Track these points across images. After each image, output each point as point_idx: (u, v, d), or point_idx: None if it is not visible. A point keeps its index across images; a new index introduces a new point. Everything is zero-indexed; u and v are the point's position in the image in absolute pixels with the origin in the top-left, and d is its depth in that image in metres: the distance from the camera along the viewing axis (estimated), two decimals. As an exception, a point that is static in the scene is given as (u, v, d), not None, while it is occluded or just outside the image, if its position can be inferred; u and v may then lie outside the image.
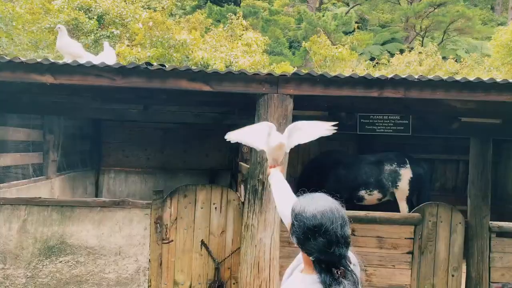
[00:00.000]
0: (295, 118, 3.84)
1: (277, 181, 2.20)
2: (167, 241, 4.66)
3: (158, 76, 3.30)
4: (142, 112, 5.12)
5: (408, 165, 7.01)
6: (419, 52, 13.09)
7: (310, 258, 1.58)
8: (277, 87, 3.39)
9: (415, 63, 11.99)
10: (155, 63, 3.51)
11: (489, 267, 5.17)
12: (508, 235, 5.31)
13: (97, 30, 10.08)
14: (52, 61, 3.25)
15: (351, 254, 1.66)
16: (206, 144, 8.61)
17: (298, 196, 1.78)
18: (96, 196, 8.21)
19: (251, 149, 4.52)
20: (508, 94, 3.30)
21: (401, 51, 20.27)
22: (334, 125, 2.29)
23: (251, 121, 4.92)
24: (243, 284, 3.45)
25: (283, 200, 2.08)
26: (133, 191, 8.50)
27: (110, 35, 9.79)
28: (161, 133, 8.56)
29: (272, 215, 3.44)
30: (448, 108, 4.36)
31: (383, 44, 23.56)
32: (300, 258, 1.87)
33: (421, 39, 22.70)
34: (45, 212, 4.49)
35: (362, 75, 3.23)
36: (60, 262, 4.47)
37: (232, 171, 8.51)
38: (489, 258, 5.17)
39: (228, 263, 4.75)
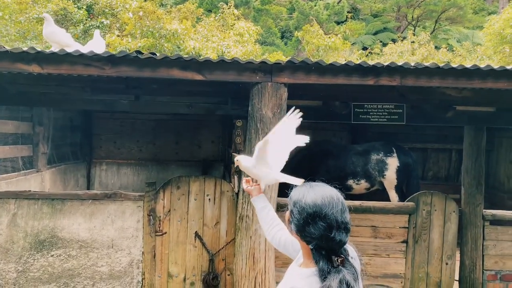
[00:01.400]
0: (289, 108, 3.79)
1: (262, 208, 2.24)
2: (161, 233, 4.61)
3: (148, 65, 3.21)
4: (133, 103, 5.02)
5: (394, 154, 7.01)
6: (412, 42, 13.05)
7: (310, 246, 1.54)
8: (271, 76, 3.31)
9: (408, 52, 11.96)
10: (145, 52, 3.43)
11: (483, 255, 5.20)
12: (502, 223, 5.33)
13: (86, 20, 9.89)
14: (39, 50, 3.13)
15: (349, 248, 1.64)
16: (199, 135, 8.56)
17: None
18: (88, 189, 8.12)
19: (244, 140, 4.46)
20: (505, 81, 3.27)
21: (393, 41, 20.24)
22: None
23: (245, 111, 4.86)
24: (238, 275, 3.41)
25: (270, 225, 2.16)
26: (126, 183, 8.43)
27: (100, 25, 9.61)
28: (153, 124, 8.48)
29: (267, 205, 3.39)
30: (443, 96, 4.33)
31: (375, 34, 23.52)
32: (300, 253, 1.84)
33: (413, 28, 22.68)
34: (35, 205, 4.41)
35: (358, 63, 3.18)
36: (52, 256, 4.40)
37: (225, 162, 8.46)
38: (482, 246, 5.19)
39: (223, 254, 4.71)
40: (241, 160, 2.34)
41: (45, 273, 4.38)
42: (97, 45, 4.23)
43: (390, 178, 6.98)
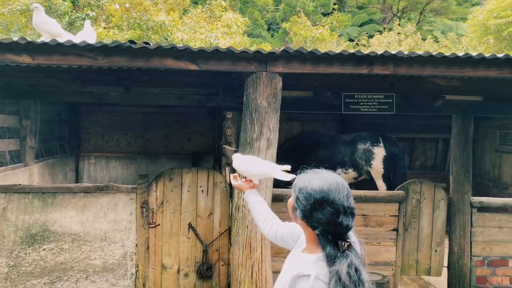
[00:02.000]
0: (283, 98, 3.80)
1: (254, 203, 2.26)
2: (154, 225, 4.60)
3: (142, 55, 3.17)
4: (123, 95, 4.98)
5: (381, 144, 7.10)
6: (398, 33, 13.12)
7: (316, 232, 1.56)
8: (266, 65, 3.30)
9: (395, 43, 12.04)
10: (139, 42, 3.38)
11: (471, 241, 5.30)
12: (489, 210, 5.45)
13: (71, 12, 9.71)
14: (29, 40, 3.06)
15: (350, 233, 1.66)
16: (188, 127, 8.54)
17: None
18: (77, 183, 8.05)
19: (238, 131, 4.43)
20: (495, 69, 3.31)
21: (379, 32, 20.32)
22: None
23: (237, 103, 4.86)
24: (235, 264, 3.42)
25: (264, 220, 2.17)
26: (115, 177, 8.38)
27: (85, 17, 9.45)
28: (142, 117, 8.43)
29: (263, 195, 3.40)
30: (432, 85, 4.38)
31: (361, 25, 23.62)
32: (302, 239, 1.85)
33: (398, 20, 22.80)
34: (26, 199, 4.36)
35: (352, 51, 3.19)
36: (44, 250, 4.36)
37: (215, 155, 8.46)
38: (470, 232, 5.30)
39: (216, 245, 4.73)
40: (234, 159, 2.37)
41: (37, 267, 4.34)
42: (88, 36, 4.16)
43: (377, 167, 7.07)
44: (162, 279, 4.65)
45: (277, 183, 4.26)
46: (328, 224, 1.53)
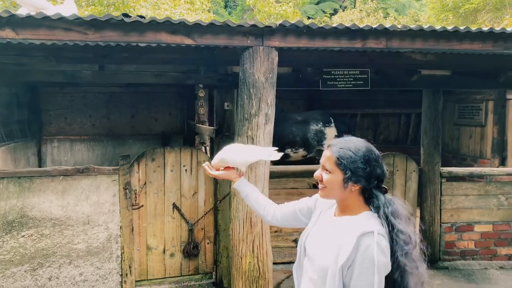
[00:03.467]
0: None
1: (249, 192, 2.14)
2: (137, 206, 4.51)
3: (135, 29, 3.02)
4: (97, 73, 4.77)
5: (332, 124, 7.26)
6: (360, 10, 13.33)
7: (372, 184, 1.66)
8: (262, 39, 3.25)
9: (357, 21, 12.22)
10: (132, 15, 3.22)
11: (440, 209, 5.62)
12: (456, 179, 5.78)
13: (22, -14, 9.06)
14: (13, 13, 2.83)
15: None
16: (155, 107, 8.34)
17: None
18: (40, 167, 7.70)
19: (236, 107, 4.30)
20: (479, 42, 3.47)
21: (335, 10, 20.60)
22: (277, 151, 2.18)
23: (217, 80, 4.79)
24: (236, 240, 3.44)
25: (265, 206, 2.10)
26: (80, 160, 8.08)
27: (39, -8, 8.85)
28: (106, 98, 8.14)
29: (262, 170, 3.40)
30: (409, 60, 4.51)
31: (317, 3, 23.75)
32: (322, 209, 1.87)
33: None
34: (0, 185, 4.12)
35: (347, 25, 3.22)
36: (23, 236, 4.17)
37: (185, 134, 8.34)
38: (440, 201, 5.61)
39: (202, 223, 4.73)
40: (216, 156, 2.18)
41: (16, 254, 4.16)
42: (69, 10, 3.91)
43: (328, 146, 7.22)
44: (148, 260, 4.60)
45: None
46: (383, 175, 1.70)
